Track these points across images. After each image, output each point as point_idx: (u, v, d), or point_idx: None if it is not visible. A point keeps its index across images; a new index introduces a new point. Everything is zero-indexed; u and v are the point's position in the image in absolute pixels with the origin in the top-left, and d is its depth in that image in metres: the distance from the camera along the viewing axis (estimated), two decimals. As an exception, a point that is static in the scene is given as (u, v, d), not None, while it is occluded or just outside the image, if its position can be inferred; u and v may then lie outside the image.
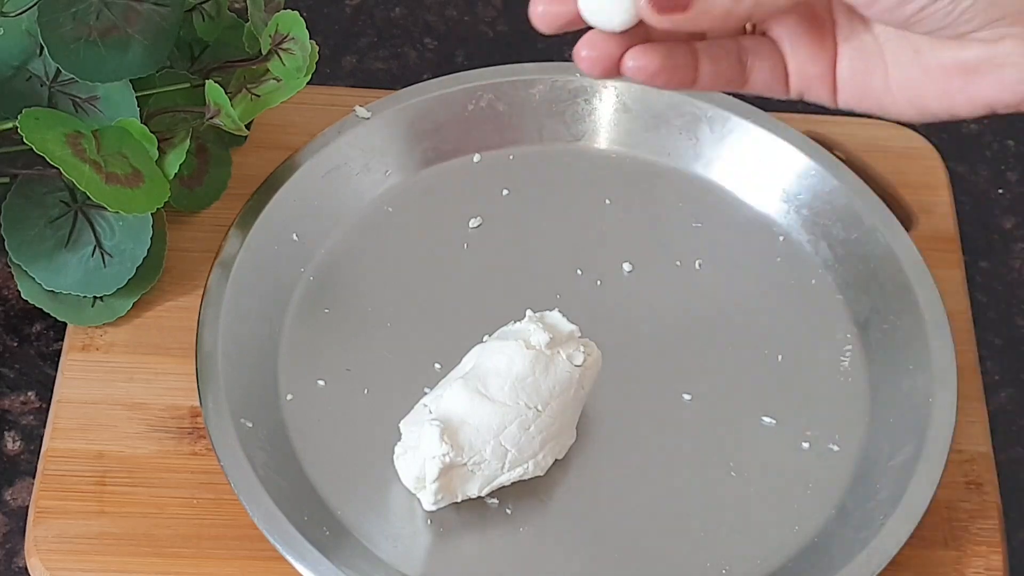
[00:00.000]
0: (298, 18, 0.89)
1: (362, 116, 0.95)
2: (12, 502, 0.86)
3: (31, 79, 0.87)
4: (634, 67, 0.60)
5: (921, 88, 0.61)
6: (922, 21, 0.59)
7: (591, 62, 0.61)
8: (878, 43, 0.62)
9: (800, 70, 0.63)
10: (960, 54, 0.60)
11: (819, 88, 0.64)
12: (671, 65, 0.61)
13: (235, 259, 0.89)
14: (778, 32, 0.63)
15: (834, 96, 0.64)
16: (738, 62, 0.63)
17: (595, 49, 0.61)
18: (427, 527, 0.82)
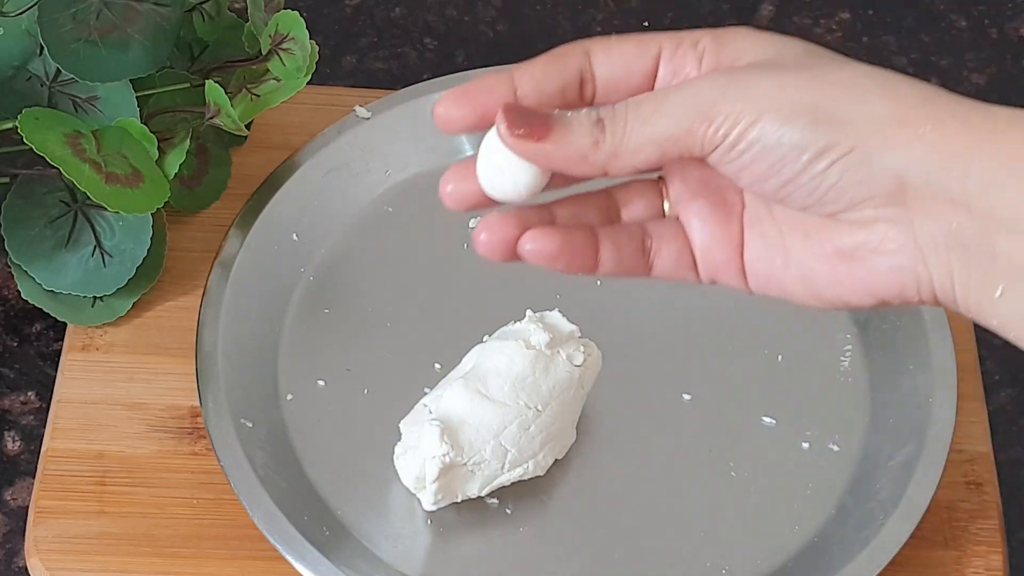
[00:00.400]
0: (298, 18, 0.89)
1: (362, 116, 0.95)
2: (12, 502, 0.86)
3: (31, 79, 0.87)
4: (531, 250, 0.59)
5: (813, 274, 0.59)
6: (791, 195, 0.57)
7: (490, 245, 0.59)
8: (778, 226, 0.59)
9: (707, 256, 0.61)
10: (839, 238, 0.58)
11: (729, 275, 0.61)
12: (569, 249, 0.59)
13: (235, 259, 0.89)
14: (685, 215, 0.60)
15: (746, 283, 0.61)
16: (641, 248, 0.60)
17: (494, 232, 0.59)
18: (427, 527, 0.82)
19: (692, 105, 0.56)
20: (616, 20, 1.10)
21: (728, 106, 0.56)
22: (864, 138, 0.55)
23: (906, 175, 0.55)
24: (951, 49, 1.10)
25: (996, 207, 0.54)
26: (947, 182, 0.55)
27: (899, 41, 1.10)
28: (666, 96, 0.57)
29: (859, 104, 0.56)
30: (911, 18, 1.12)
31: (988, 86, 1.08)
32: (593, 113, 0.57)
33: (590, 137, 0.57)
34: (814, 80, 0.56)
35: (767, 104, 0.56)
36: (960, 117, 0.55)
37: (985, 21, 1.12)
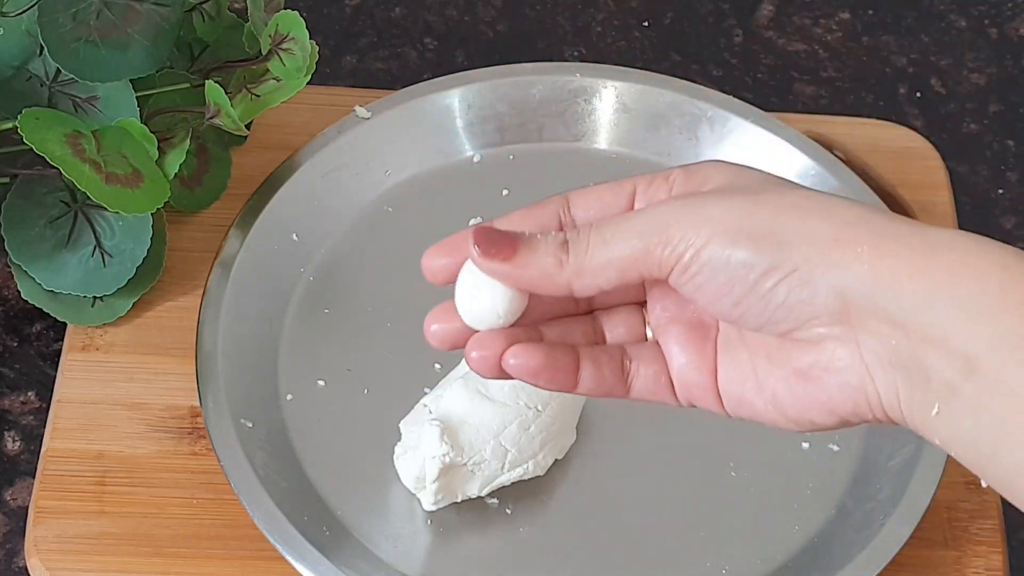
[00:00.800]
0: (298, 18, 0.89)
1: (362, 116, 0.95)
2: (12, 502, 0.86)
3: (31, 79, 0.87)
4: (515, 364, 0.60)
5: (779, 396, 0.60)
6: (744, 315, 0.59)
7: (482, 362, 0.61)
8: (748, 350, 0.60)
9: (683, 379, 0.62)
10: (795, 358, 0.59)
11: (704, 398, 0.62)
12: (551, 365, 0.60)
13: (235, 259, 0.89)
14: (664, 339, 0.62)
15: (721, 406, 0.62)
16: (620, 369, 0.62)
17: (484, 348, 0.61)
18: (427, 527, 0.82)
19: (648, 228, 0.59)
20: (616, 20, 1.10)
21: (680, 229, 0.58)
22: (806, 258, 0.57)
23: (848, 293, 0.57)
24: (951, 49, 1.10)
25: (928, 327, 0.56)
26: (884, 301, 0.56)
27: (899, 41, 1.10)
28: (626, 219, 0.60)
29: (800, 225, 0.58)
30: (911, 18, 1.12)
31: (988, 86, 1.08)
32: (560, 235, 0.60)
33: (554, 257, 0.60)
34: (760, 204, 0.58)
35: (716, 227, 0.58)
36: (896, 237, 0.57)
37: (985, 21, 1.12)
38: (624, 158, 0.97)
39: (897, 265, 0.56)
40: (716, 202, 0.59)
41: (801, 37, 1.10)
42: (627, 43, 1.09)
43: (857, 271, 0.57)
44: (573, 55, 1.08)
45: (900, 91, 1.08)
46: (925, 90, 1.08)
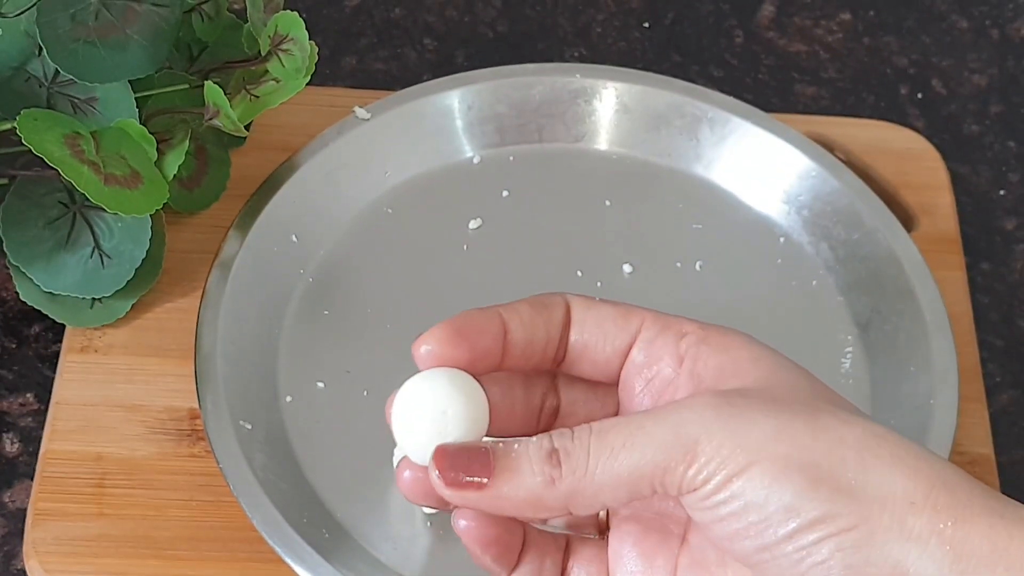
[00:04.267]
0: (297, 19, 0.88)
1: (362, 117, 0.95)
2: (10, 504, 0.86)
3: (29, 80, 0.87)
4: (466, 528, 0.53)
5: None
6: (766, 564, 0.48)
7: (410, 484, 0.52)
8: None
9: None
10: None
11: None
12: (501, 542, 0.53)
13: (234, 260, 0.89)
14: (615, 535, 0.53)
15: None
16: (560, 569, 0.53)
17: (415, 470, 0.52)
18: (427, 529, 0.82)
19: (671, 440, 0.48)
20: (616, 21, 1.10)
21: (713, 448, 0.48)
22: (867, 517, 0.47)
23: (909, 571, 0.47)
24: (952, 50, 1.10)
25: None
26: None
27: (900, 42, 1.10)
28: (640, 426, 0.49)
29: (869, 474, 0.47)
30: (912, 18, 1.12)
31: (989, 87, 1.08)
32: (546, 442, 0.49)
33: (542, 476, 0.49)
34: (818, 431, 0.48)
35: (759, 452, 0.47)
36: (983, 515, 0.47)
37: (986, 22, 1.12)
38: (624, 159, 0.97)
39: (984, 552, 0.46)
40: (759, 417, 0.48)
41: (802, 38, 1.10)
42: (627, 44, 1.09)
43: (934, 550, 0.46)
44: (573, 56, 1.08)
45: (901, 92, 1.08)
46: (926, 91, 1.08)
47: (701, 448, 0.48)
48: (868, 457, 0.47)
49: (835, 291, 0.92)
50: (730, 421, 0.48)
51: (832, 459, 0.47)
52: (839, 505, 0.46)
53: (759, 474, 0.47)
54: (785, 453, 0.47)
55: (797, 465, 0.47)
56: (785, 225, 0.94)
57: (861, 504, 0.46)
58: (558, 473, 0.48)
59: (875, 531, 0.46)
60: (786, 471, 0.47)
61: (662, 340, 0.53)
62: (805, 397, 0.50)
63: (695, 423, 0.48)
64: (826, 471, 0.47)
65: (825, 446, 0.47)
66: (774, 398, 0.49)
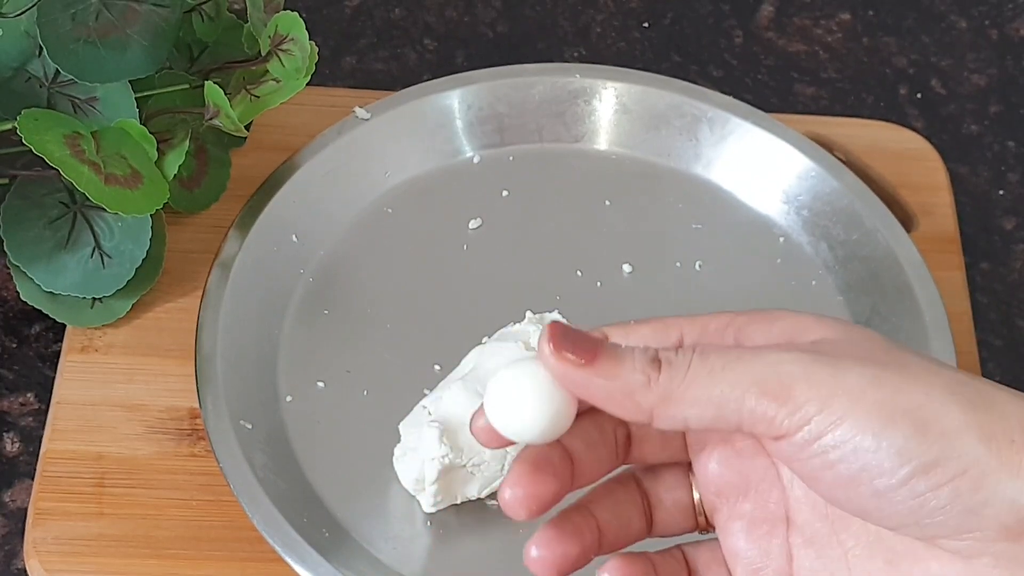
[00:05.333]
0: (297, 19, 0.88)
1: (362, 117, 0.95)
2: (11, 504, 0.86)
3: (30, 80, 0.87)
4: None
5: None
6: (881, 512, 0.48)
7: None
8: (843, 551, 0.51)
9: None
10: (927, 566, 0.49)
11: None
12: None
13: (234, 260, 0.89)
14: (724, 535, 0.53)
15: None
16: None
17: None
18: (427, 529, 0.82)
19: (768, 376, 0.48)
20: (616, 21, 1.10)
21: (813, 391, 0.48)
22: (979, 459, 0.47)
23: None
24: (951, 50, 1.10)
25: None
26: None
27: (899, 42, 1.10)
28: (740, 356, 0.49)
29: (968, 416, 0.48)
30: (911, 19, 1.12)
31: (988, 87, 1.08)
32: (651, 351, 0.51)
33: (643, 374, 0.50)
34: (910, 380, 0.48)
35: (862, 397, 0.47)
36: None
37: (986, 22, 1.12)
38: (624, 159, 0.97)
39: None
40: (852, 363, 0.48)
41: (801, 38, 1.10)
42: (627, 44, 1.09)
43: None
44: (573, 56, 1.08)
45: (900, 92, 1.08)
46: (925, 91, 1.08)
47: (799, 390, 0.48)
48: (962, 399, 0.48)
49: (835, 291, 0.92)
50: (826, 367, 0.48)
51: (932, 404, 0.47)
52: (949, 449, 0.47)
53: (865, 419, 0.47)
54: (888, 398, 0.47)
55: (902, 410, 0.47)
56: (785, 225, 0.94)
57: (968, 447, 0.47)
58: (656, 376, 0.50)
59: (987, 472, 0.47)
60: (893, 416, 0.47)
61: (708, 338, 0.53)
62: (883, 347, 0.50)
63: (793, 363, 0.48)
64: (930, 416, 0.47)
65: (920, 394, 0.47)
66: (855, 350, 0.49)
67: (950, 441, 0.47)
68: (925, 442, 0.47)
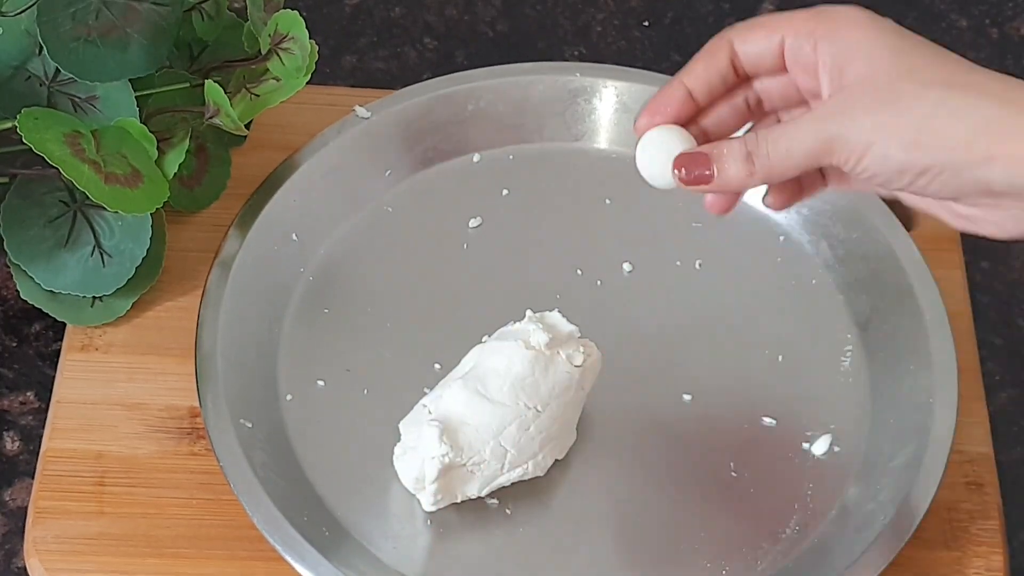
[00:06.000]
0: (298, 18, 0.89)
1: (362, 116, 0.95)
2: (11, 502, 0.86)
3: (30, 79, 0.87)
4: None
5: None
6: (903, 194, 0.73)
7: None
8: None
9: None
10: (953, 207, 0.73)
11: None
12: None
13: (235, 259, 0.89)
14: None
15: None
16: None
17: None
18: (427, 528, 0.82)
19: (817, 142, 0.71)
20: (616, 20, 1.10)
21: (843, 144, 0.70)
22: (954, 160, 0.69)
23: (991, 183, 0.69)
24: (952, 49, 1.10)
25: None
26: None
27: (900, 41, 1.10)
28: (796, 131, 0.72)
29: (944, 130, 0.69)
30: (911, 18, 1.12)
31: (989, 86, 1.08)
32: (743, 147, 0.72)
33: (745, 170, 0.73)
34: (909, 109, 0.70)
35: (873, 138, 0.70)
36: (1019, 133, 0.69)
37: (986, 21, 1.12)
38: (624, 158, 0.97)
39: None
40: (870, 114, 0.70)
41: (801, 37, 1.10)
42: (627, 43, 1.09)
43: (997, 168, 0.69)
44: (573, 55, 1.08)
45: (901, 91, 1.08)
46: (926, 90, 1.08)
47: (837, 145, 0.70)
48: (943, 116, 0.69)
49: (835, 289, 0.92)
50: (851, 122, 0.70)
51: (921, 129, 0.69)
52: (930, 159, 0.69)
53: (876, 154, 0.70)
54: (889, 134, 0.70)
55: (897, 141, 0.69)
56: (785, 224, 0.94)
57: (944, 153, 0.69)
58: (752, 169, 0.72)
59: (962, 168, 0.69)
60: (889, 147, 0.69)
61: (798, 43, 0.73)
62: (902, 75, 0.72)
63: (831, 126, 0.71)
64: (916, 140, 0.69)
65: (914, 120, 0.69)
66: (881, 86, 0.71)
67: (932, 152, 0.69)
68: (914, 157, 0.69)
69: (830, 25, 0.73)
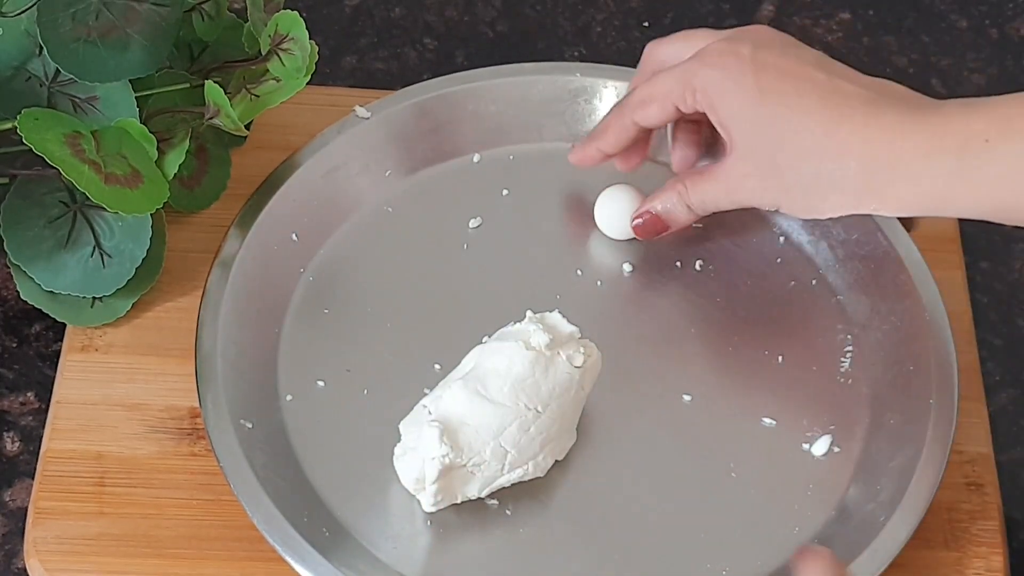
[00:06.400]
0: (298, 18, 0.89)
1: (362, 116, 0.95)
2: (11, 503, 0.86)
3: (30, 79, 0.87)
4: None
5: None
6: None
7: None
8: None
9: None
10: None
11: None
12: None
13: (235, 259, 0.89)
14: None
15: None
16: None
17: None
18: (427, 528, 0.82)
19: (732, 204, 0.86)
20: (616, 20, 1.10)
21: (753, 204, 0.85)
22: (792, 187, 0.83)
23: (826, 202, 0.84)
24: (951, 49, 1.10)
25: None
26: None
27: (899, 41, 1.10)
28: (712, 190, 0.86)
29: (830, 194, 0.83)
30: (911, 18, 1.12)
31: (988, 86, 1.08)
32: (679, 199, 0.87)
33: (688, 215, 0.88)
34: (794, 186, 0.83)
35: (778, 202, 0.85)
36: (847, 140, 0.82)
37: (986, 21, 1.12)
38: (624, 158, 0.97)
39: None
40: (762, 184, 0.84)
41: (802, 37, 1.09)
42: (627, 43, 1.09)
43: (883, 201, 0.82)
44: (573, 55, 1.08)
45: (900, 91, 1.08)
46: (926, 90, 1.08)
47: (747, 204, 0.85)
48: (819, 193, 0.82)
49: (834, 290, 0.92)
50: (752, 194, 0.85)
51: (808, 200, 0.83)
52: (777, 191, 0.84)
53: (785, 210, 0.84)
54: (788, 202, 0.84)
55: (798, 208, 0.84)
56: (785, 225, 0.94)
57: (839, 209, 0.83)
58: (692, 213, 0.87)
59: (792, 189, 0.83)
60: (795, 210, 0.84)
61: (689, 112, 0.87)
62: (774, 144, 0.83)
63: (736, 194, 0.85)
64: (812, 203, 0.83)
65: (801, 193, 0.83)
66: (759, 160, 0.84)
67: (782, 184, 0.83)
68: (770, 189, 0.83)
69: (704, 96, 0.84)
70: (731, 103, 0.83)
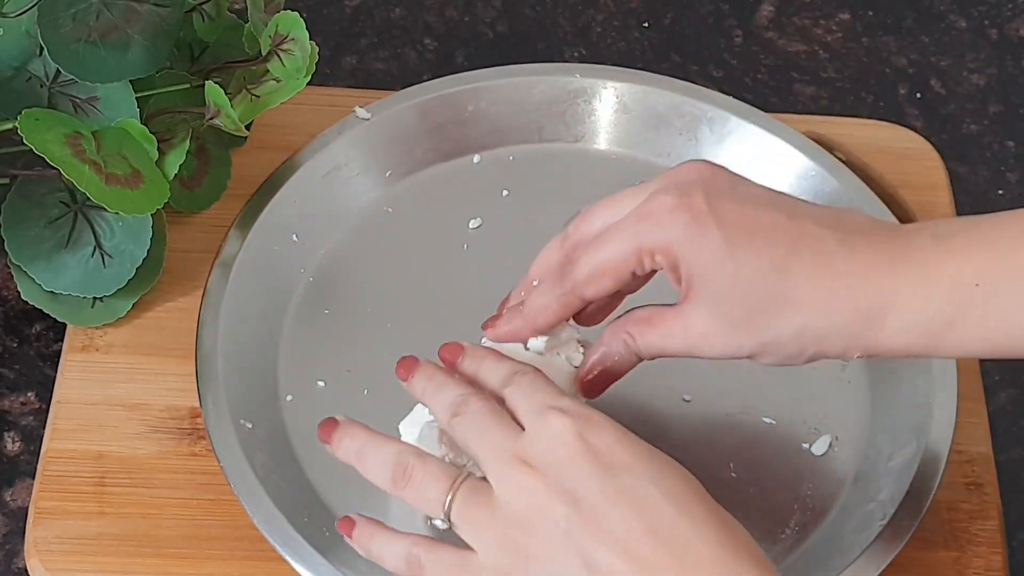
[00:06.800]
0: (298, 19, 0.89)
1: (362, 117, 0.95)
2: (12, 503, 0.86)
3: (31, 80, 0.87)
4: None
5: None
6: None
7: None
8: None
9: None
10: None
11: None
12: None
13: (235, 260, 0.89)
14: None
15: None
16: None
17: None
18: (427, 529, 0.82)
19: (688, 353, 0.79)
20: (616, 21, 1.10)
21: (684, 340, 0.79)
22: (777, 339, 0.76)
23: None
24: (951, 49, 1.10)
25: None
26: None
27: (899, 41, 1.10)
28: (667, 340, 0.79)
29: (793, 347, 0.76)
30: (911, 18, 1.12)
31: (988, 87, 1.08)
32: (627, 349, 0.79)
33: (634, 360, 0.80)
34: (757, 336, 0.76)
35: (709, 341, 0.78)
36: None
37: (985, 21, 1.12)
38: (624, 159, 0.97)
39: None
40: (724, 340, 0.77)
41: (801, 38, 1.10)
42: (627, 44, 1.09)
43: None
44: (573, 55, 1.08)
45: (900, 92, 1.08)
46: (925, 91, 1.08)
47: (706, 340, 0.78)
48: (770, 311, 0.75)
49: (834, 290, 0.92)
50: (711, 347, 0.78)
51: (779, 353, 0.76)
52: (752, 346, 0.76)
53: (711, 348, 0.77)
54: (716, 328, 0.77)
55: (770, 359, 0.77)
56: (784, 224, 0.94)
57: (767, 338, 0.76)
58: (637, 359, 0.80)
59: (768, 344, 0.76)
60: (716, 340, 0.77)
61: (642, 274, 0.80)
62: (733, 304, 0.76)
63: (695, 348, 0.78)
64: (784, 352, 0.76)
65: (773, 345, 0.76)
66: (720, 314, 0.77)
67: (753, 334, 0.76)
68: (746, 338, 0.76)
69: (666, 257, 0.77)
70: (698, 260, 0.76)
